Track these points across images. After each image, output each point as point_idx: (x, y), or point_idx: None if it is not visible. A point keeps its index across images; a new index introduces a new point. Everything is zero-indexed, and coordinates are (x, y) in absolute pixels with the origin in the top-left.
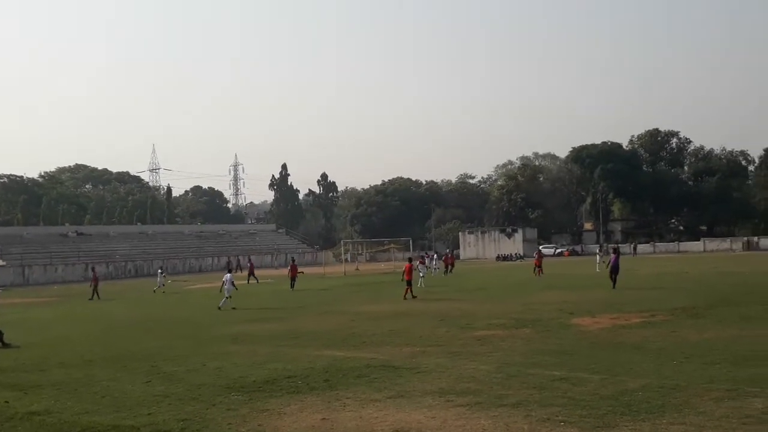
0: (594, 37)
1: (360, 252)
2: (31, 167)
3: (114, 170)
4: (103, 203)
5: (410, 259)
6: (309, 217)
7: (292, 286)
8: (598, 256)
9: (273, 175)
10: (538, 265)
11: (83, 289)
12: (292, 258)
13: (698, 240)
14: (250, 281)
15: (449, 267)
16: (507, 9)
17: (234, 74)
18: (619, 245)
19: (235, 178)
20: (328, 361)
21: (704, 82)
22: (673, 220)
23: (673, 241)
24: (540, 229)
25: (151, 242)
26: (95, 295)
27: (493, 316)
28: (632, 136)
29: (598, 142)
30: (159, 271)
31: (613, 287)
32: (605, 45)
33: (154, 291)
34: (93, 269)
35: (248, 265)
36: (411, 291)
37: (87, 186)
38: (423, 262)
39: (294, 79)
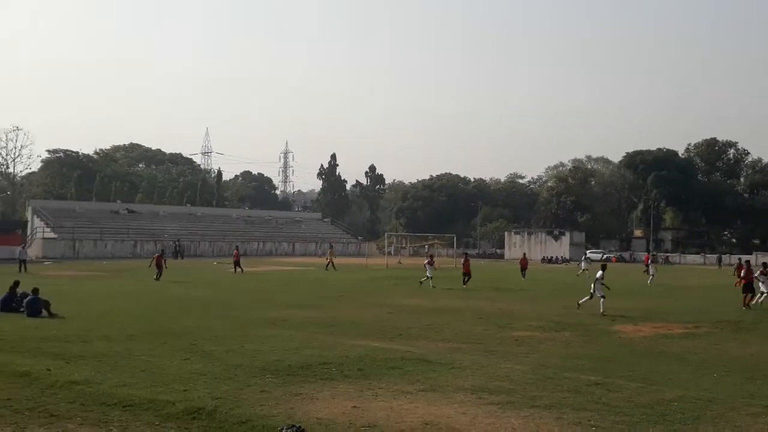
0: (654, 43)
1: (403, 245)
2: (87, 144)
3: (167, 151)
4: (155, 182)
5: (466, 254)
6: (355, 208)
7: (234, 270)
8: (651, 265)
9: (322, 165)
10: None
11: (132, 264)
12: (236, 246)
13: (750, 254)
14: (236, 270)
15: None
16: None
17: (290, 64)
18: (668, 254)
19: (285, 166)
20: (364, 350)
21: (766, 92)
22: (725, 232)
23: (724, 254)
24: (588, 233)
25: (199, 223)
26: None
27: (534, 318)
28: (689, 145)
29: (653, 148)
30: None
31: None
32: (667, 50)
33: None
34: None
35: (233, 253)
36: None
37: (140, 165)
38: (431, 263)
39: (348, 70)
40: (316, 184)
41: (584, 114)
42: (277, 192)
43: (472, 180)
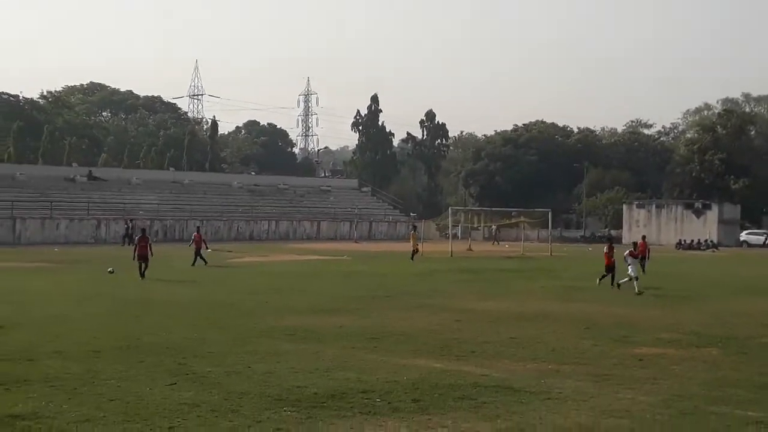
0: None
1: (476, 225)
2: (30, 85)
3: (141, 94)
4: (126, 138)
5: (611, 240)
6: (406, 172)
7: (193, 263)
8: None
9: (358, 111)
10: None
11: (92, 253)
12: (197, 227)
13: None
14: (196, 262)
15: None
16: None
17: None
18: None
19: (306, 113)
20: (420, 373)
21: None
22: None
23: None
24: (745, 206)
25: (186, 195)
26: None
27: (664, 328)
28: None
29: None
30: None
31: None
32: None
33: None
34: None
35: (193, 238)
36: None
37: (104, 113)
38: (636, 255)
39: None
40: (351, 139)
41: (739, 33)
42: (296, 150)
43: (576, 131)
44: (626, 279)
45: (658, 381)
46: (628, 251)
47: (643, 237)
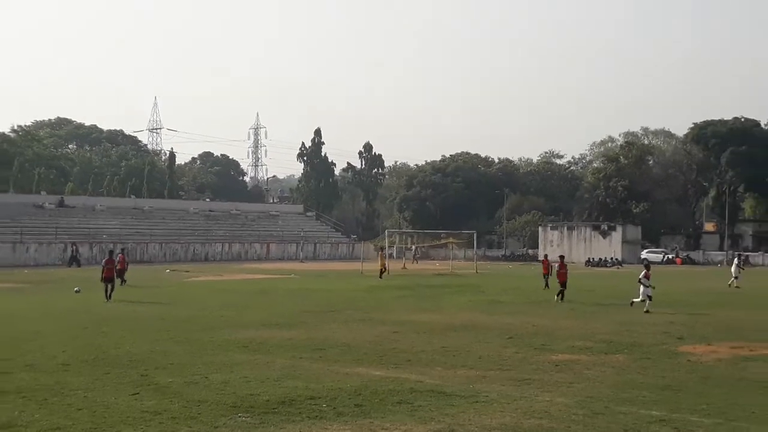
0: None
1: (409, 246)
2: (1, 119)
3: (105, 128)
4: (90, 168)
5: (562, 258)
6: (346, 198)
7: (121, 283)
8: (734, 266)
9: (303, 143)
10: (547, 274)
11: (60, 274)
12: (122, 249)
13: None
14: (123, 283)
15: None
16: None
17: (257, 13)
18: (747, 254)
19: (256, 145)
20: (362, 381)
21: None
22: None
23: None
24: (645, 227)
25: (146, 220)
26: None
27: (578, 337)
28: None
29: (728, 117)
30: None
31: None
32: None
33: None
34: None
35: (118, 258)
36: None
37: (70, 146)
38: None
39: (334, 19)
40: (296, 169)
41: (639, 74)
42: (246, 179)
43: (497, 161)
44: (640, 299)
45: (573, 384)
46: (643, 273)
47: (546, 256)
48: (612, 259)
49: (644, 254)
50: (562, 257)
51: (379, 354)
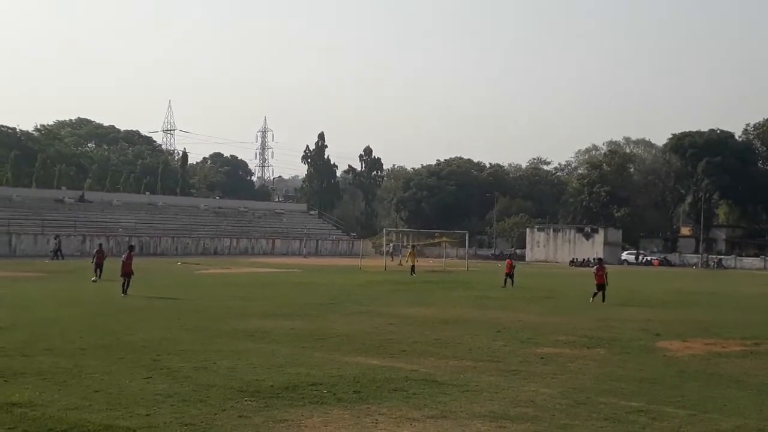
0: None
1: (405, 244)
2: (25, 118)
3: (122, 128)
4: (108, 166)
5: (601, 261)
6: (347, 198)
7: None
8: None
9: (307, 146)
10: (509, 274)
11: (80, 264)
12: (99, 243)
13: None
14: (96, 277)
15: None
16: None
17: (267, 23)
18: (721, 257)
19: (263, 147)
20: (360, 369)
21: None
22: None
23: None
24: (626, 230)
25: (160, 215)
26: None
27: (561, 332)
28: (747, 125)
29: (704, 129)
30: None
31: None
32: (721, 13)
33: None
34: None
35: (95, 253)
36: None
37: (89, 144)
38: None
39: (338, 31)
40: (301, 170)
41: (622, 88)
42: (254, 178)
43: (488, 166)
44: None
45: (557, 376)
46: None
47: (510, 256)
48: (594, 259)
49: (624, 255)
50: (600, 260)
51: (376, 344)
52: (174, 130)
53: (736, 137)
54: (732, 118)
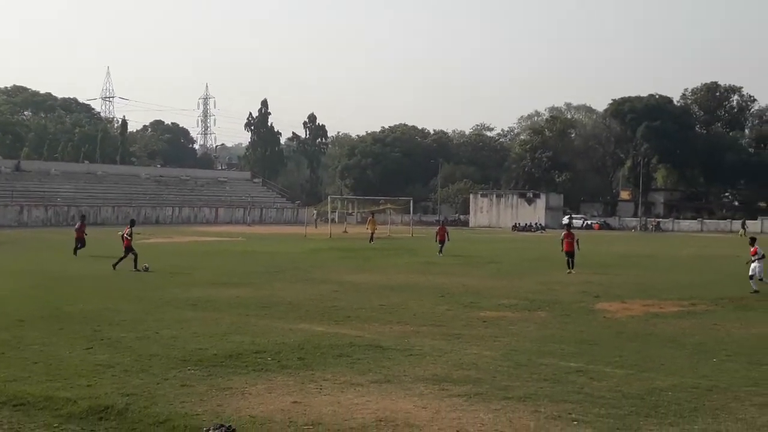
0: None
1: (350, 211)
2: None
3: (59, 95)
4: (45, 134)
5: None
6: (291, 166)
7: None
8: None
9: (250, 113)
10: (442, 242)
11: (17, 235)
12: (82, 215)
13: (755, 219)
14: (77, 251)
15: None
16: None
17: None
18: (659, 220)
19: (205, 114)
20: (304, 336)
21: None
22: (727, 194)
23: (725, 218)
24: (567, 195)
25: (99, 185)
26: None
27: (504, 296)
28: (685, 90)
29: (643, 94)
30: None
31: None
32: None
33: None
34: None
35: (76, 225)
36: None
37: (26, 113)
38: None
39: None
40: (244, 137)
41: (563, 53)
42: (196, 146)
43: (432, 132)
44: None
45: (498, 338)
46: (753, 249)
47: (442, 221)
48: (536, 224)
49: (565, 220)
50: (568, 225)
51: (320, 311)
52: (113, 97)
53: (675, 102)
54: (670, 83)
